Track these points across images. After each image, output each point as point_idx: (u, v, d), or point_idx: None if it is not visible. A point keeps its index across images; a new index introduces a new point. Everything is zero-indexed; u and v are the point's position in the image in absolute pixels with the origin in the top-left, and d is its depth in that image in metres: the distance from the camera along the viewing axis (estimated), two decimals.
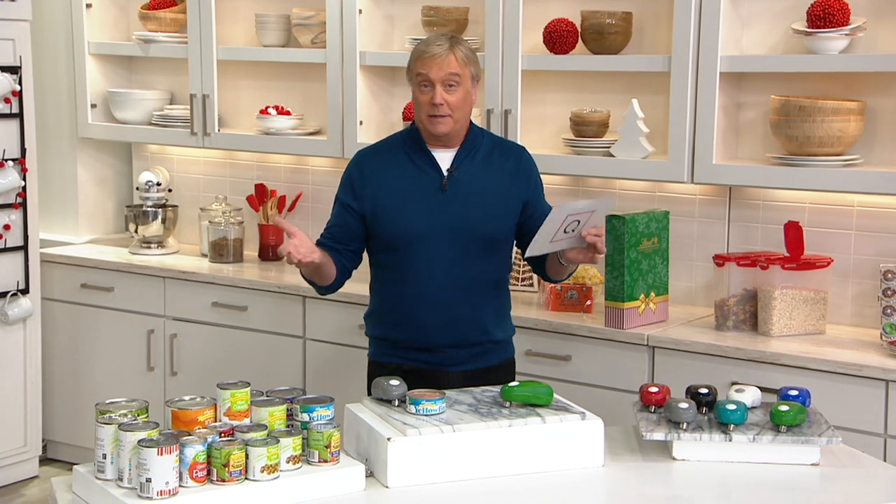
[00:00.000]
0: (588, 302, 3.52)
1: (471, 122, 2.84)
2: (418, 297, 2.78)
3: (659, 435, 2.45)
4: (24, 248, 4.19)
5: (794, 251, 3.35)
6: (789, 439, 2.44)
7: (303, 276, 2.85)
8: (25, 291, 4.21)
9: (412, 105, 2.96)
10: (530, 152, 2.89)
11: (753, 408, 2.58)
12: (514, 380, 2.92)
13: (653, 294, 3.40)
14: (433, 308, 2.77)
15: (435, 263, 2.75)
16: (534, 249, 2.66)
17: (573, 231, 2.66)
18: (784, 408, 2.46)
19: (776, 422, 2.46)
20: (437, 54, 2.69)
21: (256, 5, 4.36)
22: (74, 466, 2.30)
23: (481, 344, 2.84)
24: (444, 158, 2.78)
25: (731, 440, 2.44)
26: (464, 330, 2.80)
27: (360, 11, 3.96)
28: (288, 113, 4.25)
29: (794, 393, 2.59)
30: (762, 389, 2.71)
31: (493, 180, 2.79)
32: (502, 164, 2.82)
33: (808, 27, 3.30)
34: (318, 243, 2.81)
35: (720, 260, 3.40)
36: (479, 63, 2.80)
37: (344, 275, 2.85)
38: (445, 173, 2.77)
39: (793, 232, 3.35)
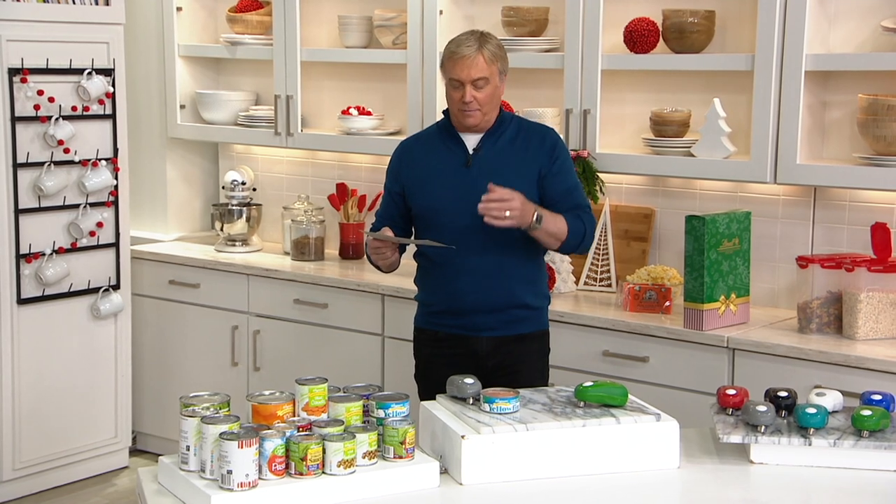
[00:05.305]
0: (667, 303, 3.49)
1: (501, 108, 3.03)
2: (449, 263, 2.99)
3: (736, 437, 2.43)
4: (115, 245, 4.31)
5: (881, 253, 3.27)
6: (871, 444, 2.39)
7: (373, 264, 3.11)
8: (117, 287, 4.34)
9: None
10: (609, 152, 2.89)
11: (834, 412, 2.54)
12: (547, 351, 3.11)
13: (733, 295, 3.35)
14: (461, 273, 2.97)
15: (460, 232, 2.95)
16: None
17: None
18: (866, 412, 2.42)
19: (858, 426, 2.41)
20: (467, 55, 2.89)
21: (339, 7, 4.42)
22: (159, 457, 2.37)
23: (510, 310, 2.99)
24: (472, 140, 3.01)
25: (810, 444, 2.40)
26: (491, 294, 2.98)
27: (441, 12, 3.99)
28: (369, 113, 4.30)
29: (878, 397, 2.53)
30: (846, 394, 2.66)
31: (514, 157, 3.00)
32: (526, 143, 3.01)
33: None
34: (377, 226, 3.07)
35: (804, 262, 3.34)
36: (506, 56, 2.99)
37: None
38: (471, 152, 2.99)
39: (880, 233, 3.27)
